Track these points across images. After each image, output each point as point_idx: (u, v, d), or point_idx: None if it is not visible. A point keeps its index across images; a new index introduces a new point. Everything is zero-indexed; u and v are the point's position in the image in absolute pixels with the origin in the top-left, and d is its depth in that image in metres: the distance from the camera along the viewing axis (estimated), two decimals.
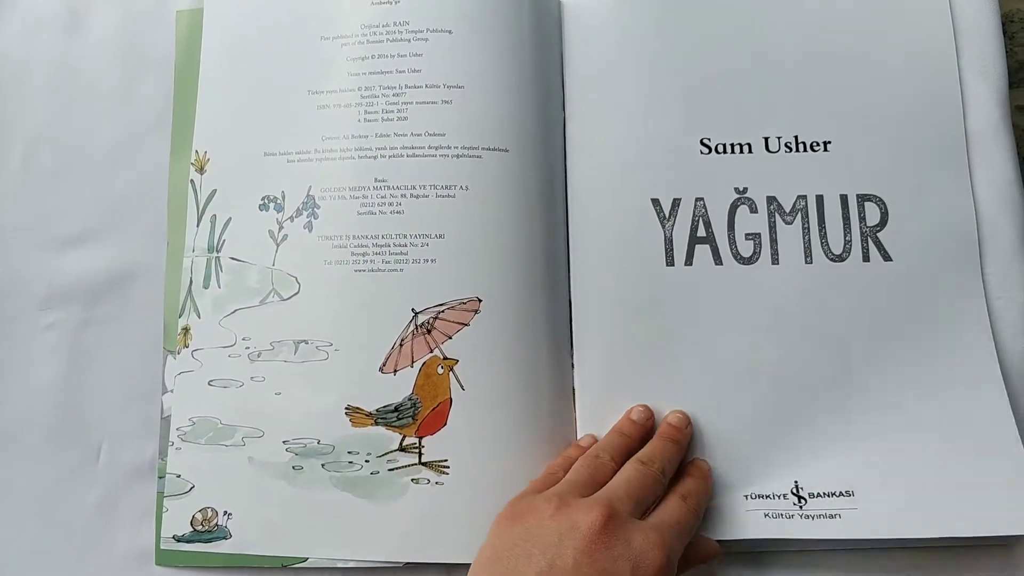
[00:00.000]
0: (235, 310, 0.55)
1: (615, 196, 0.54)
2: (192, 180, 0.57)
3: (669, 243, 0.53)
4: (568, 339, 0.53)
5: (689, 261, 0.53)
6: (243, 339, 0.54)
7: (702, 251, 0.53)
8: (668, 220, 0.54)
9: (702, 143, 0.54)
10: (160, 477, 0.53)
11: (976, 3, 0.57)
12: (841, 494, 0.50)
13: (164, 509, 0.53)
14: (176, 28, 0.60)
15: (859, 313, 0.53)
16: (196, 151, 0.57)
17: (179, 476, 0.53)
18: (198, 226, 0.56)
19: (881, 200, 0.54)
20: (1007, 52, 0.59)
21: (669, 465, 0.48)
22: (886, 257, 0.53)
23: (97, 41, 0.60)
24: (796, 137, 0.55)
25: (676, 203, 0.54)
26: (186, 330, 0.55)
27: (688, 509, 0.46)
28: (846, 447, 0.51)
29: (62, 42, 0.60)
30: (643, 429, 0.51)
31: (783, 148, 0.55)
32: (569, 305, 0.54)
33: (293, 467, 0.52)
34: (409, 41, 0.55)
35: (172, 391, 0.54)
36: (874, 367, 0.52)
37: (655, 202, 0.54)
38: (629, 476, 0.46)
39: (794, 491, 0.50)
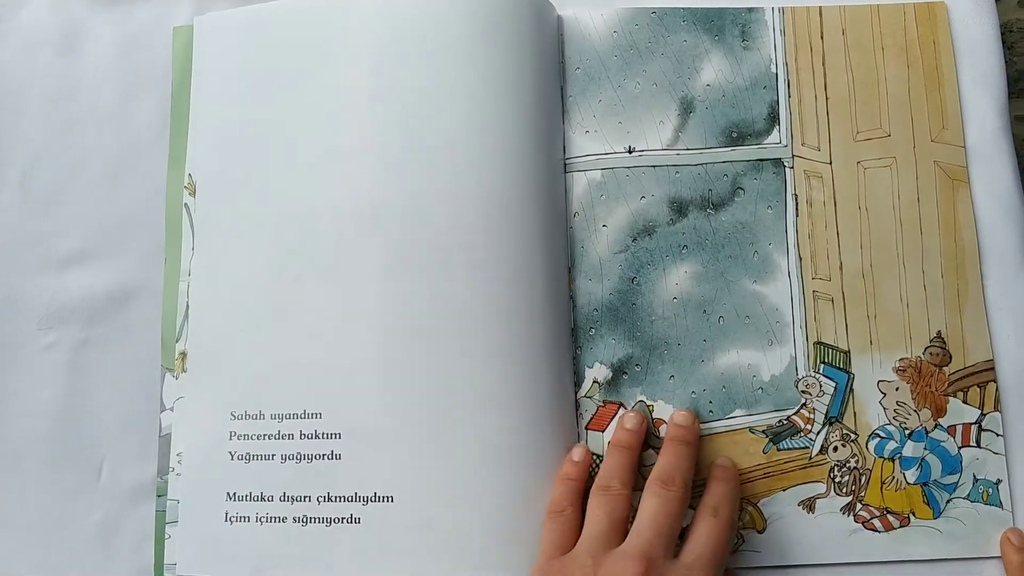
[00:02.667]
0: None
1: None
2: (186, 204, 0.57)
3: None
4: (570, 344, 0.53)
5: None
6: None
7: None
8: None
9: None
10: (160, 496, 0.53)
11: (975, 14, 0.57)
12: None
13: (166, 536, 0.53)
14: (173, 45, 0.59)
15: None
16: (189, 175, 0.57)
17: (180, 502, 0.53)
18: (193, 250, 0.56)
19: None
20: (1006, 62, 0.58)
21: (688, 474, 0.48)
22: None
23: (95, 60, 0.60)
24: None
25: None
26: (184, 355, 0.54)
27: (720, 525, 0.46)
28: None
29: (60, 61, 0.60)
30: (639, 436, 0.50)
31: None
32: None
33: None
34: None
35: (171, 409, 0.54)
36: None
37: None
38: (653, 511, 0.46)
39: None
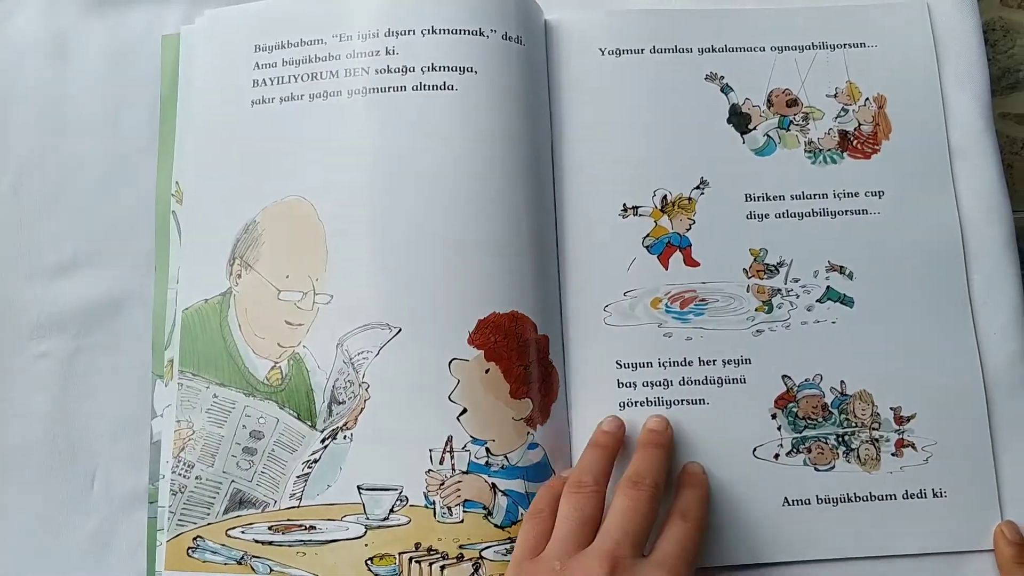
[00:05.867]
0: None
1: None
2: (174, 211, 0.57)
3: None
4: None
5: None
6: None
7: None
8: None
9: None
10: (151, 502, 0.53)
11: (956, 13, 0.58)
12: None
13: (157, 543, 0.53)
14: (161, 53, 0.60)
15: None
16: (176, 182, 0.57)
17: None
18: (181, 262, 0.56)
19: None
20: (989, 60, 0.59)
21: (660, 476, 0.48)
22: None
23: (84, 68, 0.60)
24: None
25: None
26: (172, 362, 0.54)
27: (690, 528, 0.47)
28: None
29: (49, 69, 0.60)
30: (617, 439, 0.51)
31: None
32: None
33: None
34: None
35: (162, 415, 0.54)
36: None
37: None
38: (623, 509, 0.46)
39: None
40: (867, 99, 0.57)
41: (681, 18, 0.58)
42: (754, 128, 0.56)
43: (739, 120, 0.57)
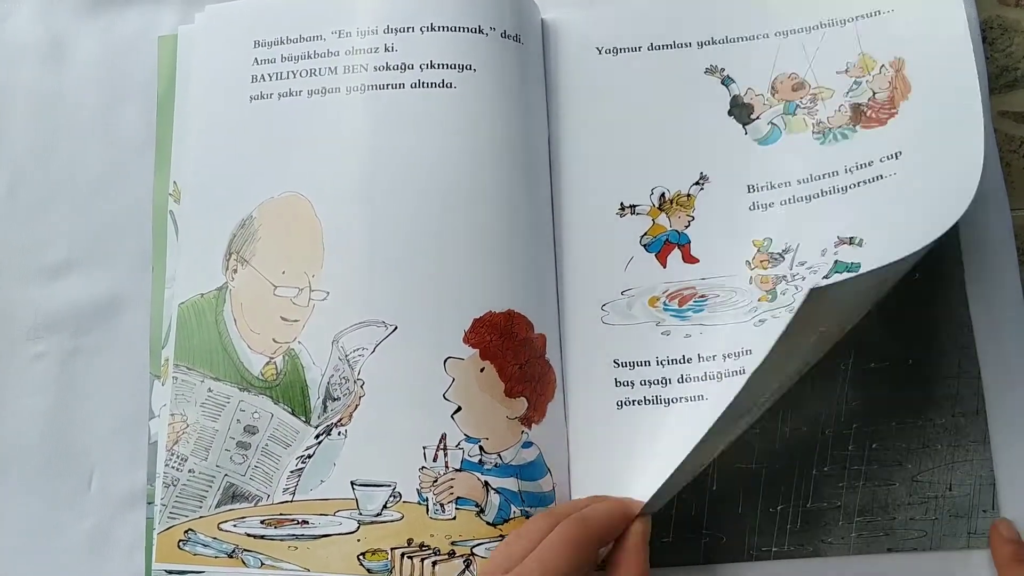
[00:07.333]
0: None
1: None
2: (171, 211, 0.57)
3: None
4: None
5: None
6: None
7: None
8: None
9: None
10: (149, 503, 0.53)
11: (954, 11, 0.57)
12: None
13: (153, 541, 0.52)
14: (158, 54, 0.60)
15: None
16: (174, 182, 0.57)
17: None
18: (178, 256, 0.56)
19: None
20: (987, 58, 0.59)
21: (606, 532, 0.46)
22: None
23: (80, 68, 0.61)
24: None
25: None
26: (168, 360, 0.54)
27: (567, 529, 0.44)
28: None
29: (45, 70, 0.61)
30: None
31: None
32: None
33: None
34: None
35: (159, 416, 0.54)
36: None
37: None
38: (551, 542, 0.44)
39: None
40: (882, 67, 0.55)
41: (680, 10, 0.58)
42: (757, 118, 0.56)
43: (741, 111, 0.56)
